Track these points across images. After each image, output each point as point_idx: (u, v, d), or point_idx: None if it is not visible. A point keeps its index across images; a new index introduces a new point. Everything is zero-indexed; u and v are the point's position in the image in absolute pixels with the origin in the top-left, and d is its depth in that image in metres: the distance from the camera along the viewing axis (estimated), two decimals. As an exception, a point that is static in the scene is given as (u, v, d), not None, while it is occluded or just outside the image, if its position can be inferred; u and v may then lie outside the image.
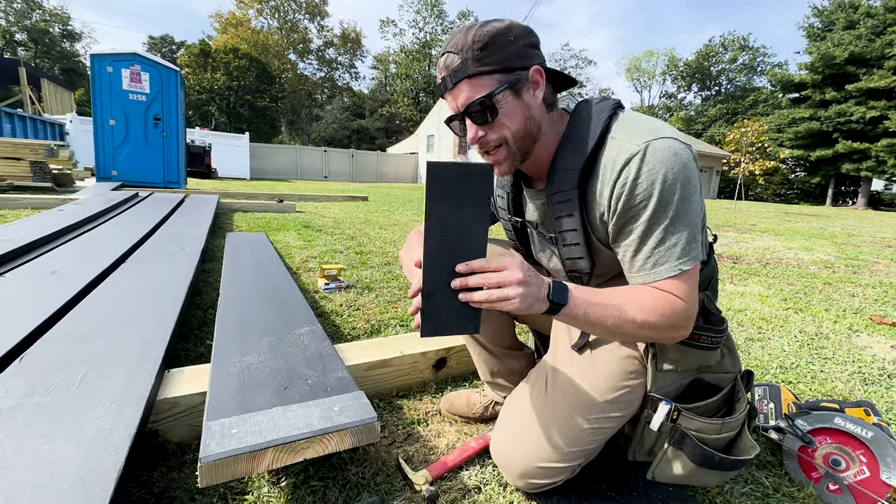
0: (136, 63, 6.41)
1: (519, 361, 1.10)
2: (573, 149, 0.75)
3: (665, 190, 0.67)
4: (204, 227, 2.96)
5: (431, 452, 0.98)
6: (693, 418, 0.78)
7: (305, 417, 0.77)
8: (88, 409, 0.78)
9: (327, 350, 1.10)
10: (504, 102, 0.71)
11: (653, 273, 0.71)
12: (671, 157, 0.67)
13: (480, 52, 0.69)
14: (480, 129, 0.74)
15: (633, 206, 0.70)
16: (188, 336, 1.49)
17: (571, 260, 0.81)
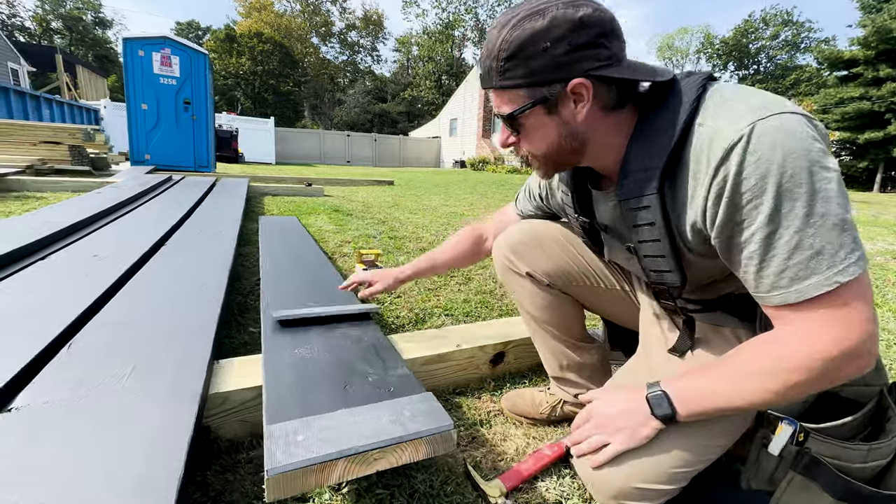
0: (166, 46, 6.44)
1: (591, 355, 1.00)
2: (650, 144, 0.61)
3: (786, 181, 0.50)
4: (237, 210, 2.93)
5: (500, 458, 0.90)
6: (827, 441, 0.65)
7: (375, 423, 0.68)
8: (141, 406, 0.72)
9: (382, 342, 1.02)
10: (532, 119, 0.62)
11: (793, 292, 0.52)
12: (787, 139, 0.50)
13: (504, 64, 0.59)
14: (510, 136, 0.68)
15: (742, 208, 0.53)
16: (230, 323, 1.44)
17: (656, 273, 0.67)
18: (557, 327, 0.96)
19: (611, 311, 0.98)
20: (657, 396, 0.64)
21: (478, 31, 37.76)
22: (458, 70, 36.84)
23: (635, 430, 0.65)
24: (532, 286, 0.94)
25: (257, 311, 1.56)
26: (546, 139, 0.64)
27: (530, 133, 0.65)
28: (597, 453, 0.68)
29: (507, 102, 0.63)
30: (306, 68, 38.01)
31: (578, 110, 0.61)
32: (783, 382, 0.55)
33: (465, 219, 4.10)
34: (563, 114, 0.61)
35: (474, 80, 20.06)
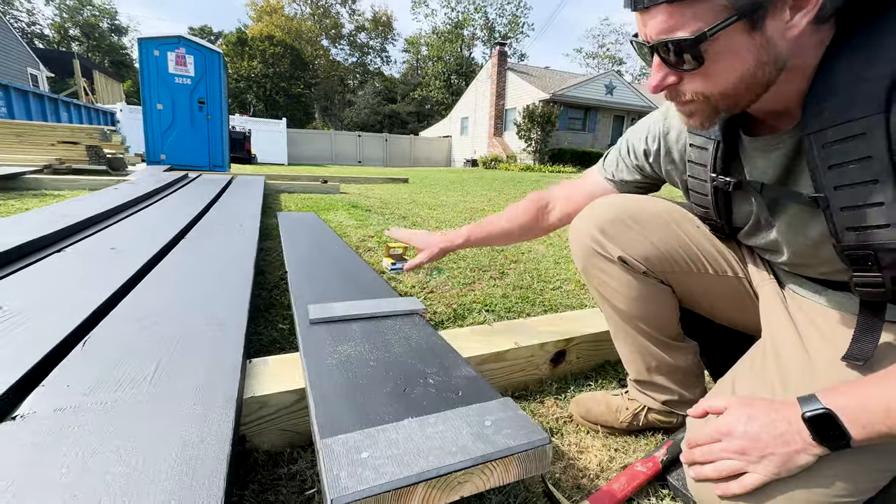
0: (180, 46, 6.41)
1: (685, 356, 0.84)
2: (862, 52, 0.45)
3: None
4: (256, 205, 2.84)
5: (582, 474, 0.76)
6: None
7: (454, 436, 0.55)
8: (168, 413, 0.60)
9: (434, 339, 0.88)
10: (721, 43, 0.45)
11: None
12: None
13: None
14: (672, 74, 0.51)
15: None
16: (257, 319, 1.33)
17: (860, 231, 0.49)
18: (650, 323, 0.81)
19: (718, 303, 0.80)
20: (821, 415, 0.48)
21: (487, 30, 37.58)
22: (467, 69, 36.69)
23: (790, 457, 0.50)
24: (624, 274, 0.78)
25: (284, 307, 1.44)
26: (735, 70, 0.47)
27: (715, 62, 0.47)
28: (728, 481, 0.54)
29: (692, 21, 0.45)
30: (316, 70, 38.23)
31: (795, 23, 0.44)
32: None
33: (485, 213, 3.96)
34: (770, 30, 0.45)
35: (485, 78, 19.88)
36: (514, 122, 16.85)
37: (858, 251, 0.51)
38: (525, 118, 15.85)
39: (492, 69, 19.03)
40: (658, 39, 0.48)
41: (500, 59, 18.78)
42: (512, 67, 19.27)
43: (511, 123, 17.96)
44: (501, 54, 18.89)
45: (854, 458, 0.50)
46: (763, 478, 0.51)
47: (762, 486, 0.52)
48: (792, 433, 0.50)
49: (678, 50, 0.47)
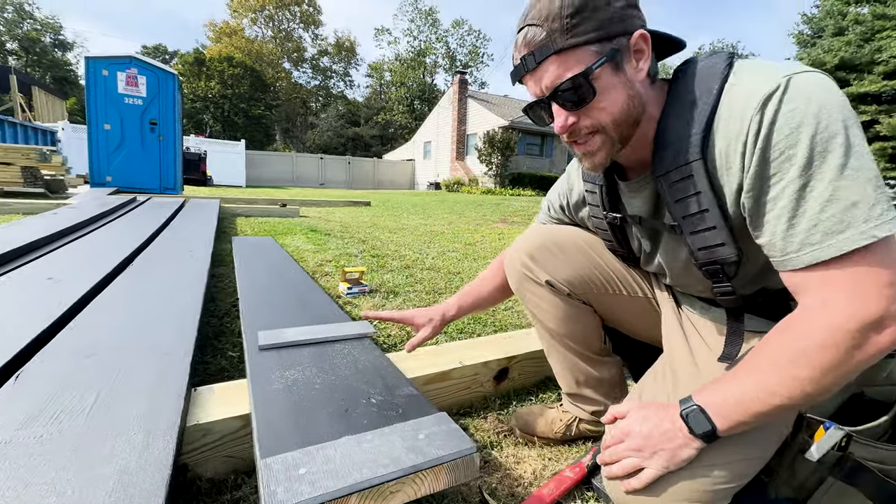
0: (132, 66, 6.24)
1: (609, 369, 0.94)
2: (685, 112, 0.59)
3: (820, 131, 0.48)
4: (210, 230, 2.78)
5: (517, 483, 0.82)
6: (870, 445, 0.61)
7: (388, 449, 0.60)
8: (107, 443, 0.61)
9: (381, 361, 0.93)
10: (602, 79, 0.57)
11: (826, 247, 0.48)
12: (823, 93, 0.50)
13: (571, 20, 0.55)
14: (571, 114, 0.60)
15: (775, 160, 0.51)
16: (205, 348, 1.31)
17: (707, 250, 0.61)
18: (576, 340, 0.90)
19: (632, 321, 0.91)
20: (694, 412, 0.57)
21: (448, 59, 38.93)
22: (430, 95, 37.65)
23: (675, 452, 0.58)
24: (551, 296, 0.87)
25: (235, 335, 1.43)
26: (617, 102, 0.59)
27: (600, 97, 0.58)
28: (631, 477, 0.62)
29: (574, 65, 0.56)
30: (278, 92, 37.91)
31: (640, 67, 0.59)
32: (812, 365, 0.49)
33: (445, 237, 4.06)
34: (628, 71, 0.58)
35: (447, 104, 20.50)
36: (476, 147, 17.38)
37: (710, 266, 0.62)
38: (486, 143, 16.40)
39: (453, 96, 19.67)
40: (554, 86, 0.58)
41: (461, 87, 19.48)
42: (472, 95, 20.01)
43: (472, 148, 18.52)
44: (462, 82, 19.61)
45: (727, 448, 0.59)
46: (656, 472, 0.59)
47: (657, 479, 0.60)
48: (675, 430, 0.58)
49: (573, 87, 0.57)
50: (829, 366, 0.49)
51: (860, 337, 0.48)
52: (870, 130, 18.50)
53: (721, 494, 0.60)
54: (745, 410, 0.54)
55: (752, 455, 0.62)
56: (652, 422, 0.61)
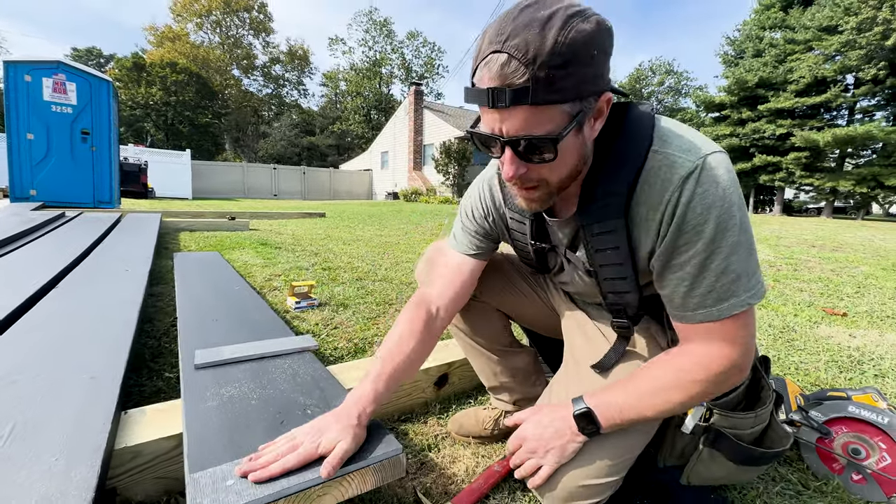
0: (59, 71, 5.81)
1: (522, 359, 1.03)
2: (614, 169, 0.62)
3: (724, 213, 0.57)
4: (148, 246, 2.65)
5: (450, 482, 0.87)
6: (726, 415, 0.73)
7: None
8: (26, 471, 0.60)
9: (320, 373, 0.96)
10: (565, 142, 0.54)
11: (716, 310, 0.60)
12: (725, 177, 0.58)
13: (557, 72, 0.49)
14: (523, 166, 0.58)
15: (686, 233, 0.58)
16: (140, 370, 1.27)
17: (615, 294, 0.71)
18: (486, 337, 1.00)
19: (532, 318, 1.02)
20: (583, 414, 0.67)
21: (404, 70, 39.20)
22: (386, 105, 37.67)
23: (564, 448, 0.67)
24: None
25: (173, 355, 1.39)
26: (569, 163, 0.58)
27: (558, 159, 0.56)
28: (534, 476, 0.70)
29: (546, 122, 0.52)
30: (227, 100, 36.44)
31: (595, 127, 0.58)
32: (686, 394, 0.63)
33: (399, 248, 4.09)
34: (586, 132, 0.57)
35: (403, 115, 20.61)
36: (433, 157, 17.58)
37: (616, 306, 0.73)
38: (442, 153, 16.63)
39: (409, 107, 19.83)
40: (517, 136, 0.54)
41: (417, 98, 19.68)
42: (428, 106, 20.26)
43: (429, 158, 18.70)
44: (418, 93, 19.82)
45: (608, 443, 0.69)
46: (550, 468, 0.68)
47: (554, 474, 0.68)
48: (564, 428, 0.68)
49: (537, 145, 0.54)
50: (697, 395, 0.64)
51: (724, 377, 0.62)
52: (787, 142, 20.59)
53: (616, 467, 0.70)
54: (624, 417, 0.66)
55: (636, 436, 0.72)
56: (543, 424, 0.70)
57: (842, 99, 19.53)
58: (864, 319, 2.19)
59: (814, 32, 19.57)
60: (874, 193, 18.57)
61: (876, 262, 4.26)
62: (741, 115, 22.40)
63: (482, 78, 0.53)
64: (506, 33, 0.50)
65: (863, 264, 4.07)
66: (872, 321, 2.17)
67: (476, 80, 0.54)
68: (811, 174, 19.92)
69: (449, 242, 0.90)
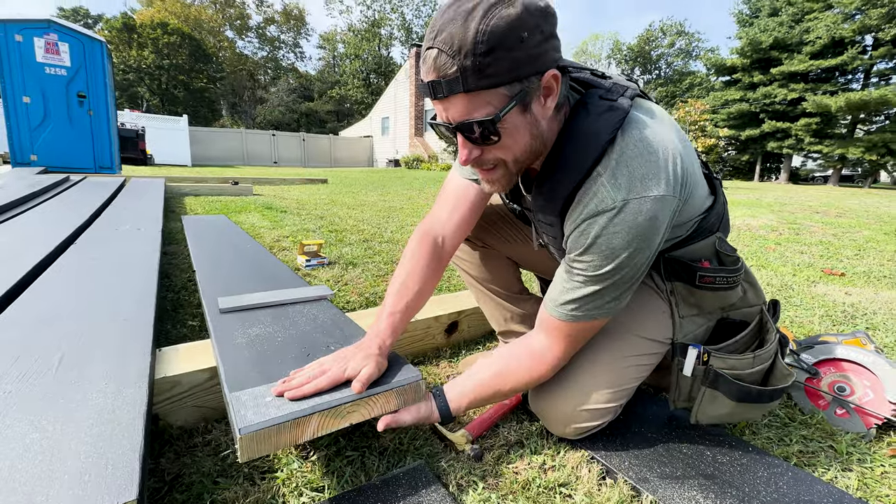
0: (51, 31, 5.64)
1: (532, 305, 1.09)
2: (564, 169, 0.65)
3: (619, 253, 0.64)
4: (157, 208, 2.68)
5: (463, 414, 0.94)
6: (723, 357, 0.77)
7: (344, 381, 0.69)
8: (80, 392, 0.66)
9: (339, 317, 1.01)
10: (508, 122, 0.58)
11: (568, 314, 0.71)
12: (638, 227, 0.62)
13: (483, 59, 0.52)
14: (475, 149, 0.62)
15: (589, 254, 0.66)
16: (163, 319, 1.33)
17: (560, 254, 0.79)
18: (496, 283, 1.06)
19: (537, 262, 1.07)
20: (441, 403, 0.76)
21: (404, 31, 37.70)
22: (386, 69, 36.50)
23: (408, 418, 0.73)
24: (469, 249, 1.04)
25: (193, 306, 1.46)
26: (519, 143, 0.61)
27: (507, 136, 0.59)
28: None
29: (484, 105, 0.56)
30: (221, 63, 35.31)
31: (548, 104, 0.60)
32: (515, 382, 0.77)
33: (404, 212, 4.11)
34: (535, 110, 0.60)
35: (404, 79, 20.01)
36: (434, 123, 17.18)
37: None
38: (444, 119, 16.25)
39: (410, 70, 19.21)
40: (460, 121, 0.58)
41: (418, 61, 19.02)
42: (430, 69, 19.62)
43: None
44: (418, 56, 19.14)
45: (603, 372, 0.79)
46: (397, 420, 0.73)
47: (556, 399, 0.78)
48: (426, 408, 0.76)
49: (479, 128, 0.58)
50: (524, 384, 0.77)
51: (549, 373, 0.77)
52: (798, 108, 20.05)
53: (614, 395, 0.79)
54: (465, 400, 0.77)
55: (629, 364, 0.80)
56: None
57: (858, 61, 18.84)
58: (861, 279, 2.24)
59: (835, -12, 18.62)
60: (883, 161, 18.28)
61: (878, 227, 4.28)
62: (752, 79, 21.71)
63: (424, 73, 0.58)
64: (436, 29, 0.54)
65: (865, 229, 4.09)
66: (869, 280, 2.21)
67: (422, 76, 0.59)
68: (820, 141, 19.52)
69: (454, 166, 0.93)
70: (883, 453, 0.86)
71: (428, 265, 0.85)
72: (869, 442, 0.90)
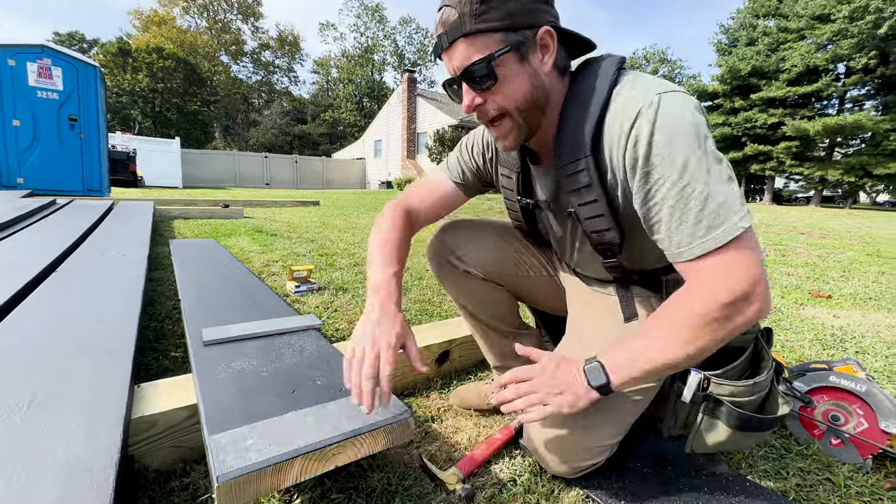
0: (45, 56, 5.67)
1: (528, 340, 1.06)
2: (580, 111, 0.67)
3: (689, 140, 0.58)
4: (144, 232, 2.64)
5: (454, 449, 0.91)
6: (724, 384, 0.77)
7: (330, 419, 0.67)
8: (49, 436, 0.62)
9: (326, 349, 0.99)
10: (505, 67, 0.64)
11: (710, 240, 0.58)
12: (685, 110, 0.59)
13: (480, 6, 0.61)
14: (479, 95, 0.67)
15: (656, 166, 0.59)
16: (145, 350, 1.29)
17: (598, 233, 0.73)
18: (494, 317, 1.01)
19: (541, 297, 1.04)
20: (594, 368, 0.66)
21: (397, 57, 38.65)
22: (379, 93, 37.19)
23: (575, 399, 0.66)
24: (469, 281, 0.97)
25: (177, 336, 1.42)
26: (520, 89, 0.66)
27: (503, 83, 0.65)
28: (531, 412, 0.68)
29: (481, 49, 0.63)
30: (216, 87, 35.70)
31: (545, 60, 0.66)
32: (692, 330, 0.60)
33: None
34: (533, 62, 0.65)
35: (396, 103, 20.40)
36: (426, 146, 17.45)
37: (601, 246, 0.75)
38: (436, 142, 16.52)
39: (402, 94, 19.61)
40: (462, 67, 0.64)
41: (410, 85, 19.46)
42: (422, 93, 20.04)
43: (423, 146, 18.56)
44: (411, 80, 19.59)
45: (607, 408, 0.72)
46: (555, 409, 0.66)
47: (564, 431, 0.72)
48: (575, 380, 0.68)
49: (478, 69, 0.63)
50: (707, 330, 0.59)
51: (732, 308, 0.58)
52: (778, 131, 20.74)
53: (615, 431, 0.76)
54: (636, 367, 0.64)
55: (632, 399, 0.76)
56: (561, 369, 0.69)
57: (833, 88, 19.67)
58: (847, 301, 2.27)
59: (807, 21, 19.58)
60: (861, 182, 18.86)
61: (861, 248, 4.37)
62: (734, 104, 22.48)
63: (435, 30, 0.67)
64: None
65: (849, 250, 4.17)
66: (856, 302, 2.24)
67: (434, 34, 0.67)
68: (801, 163, 20.13)
69: (440, 167, 0.97)
70: (881, 486, 0.85)
71: (404, 234, 0.87)
72: (866, 473, 0.89)
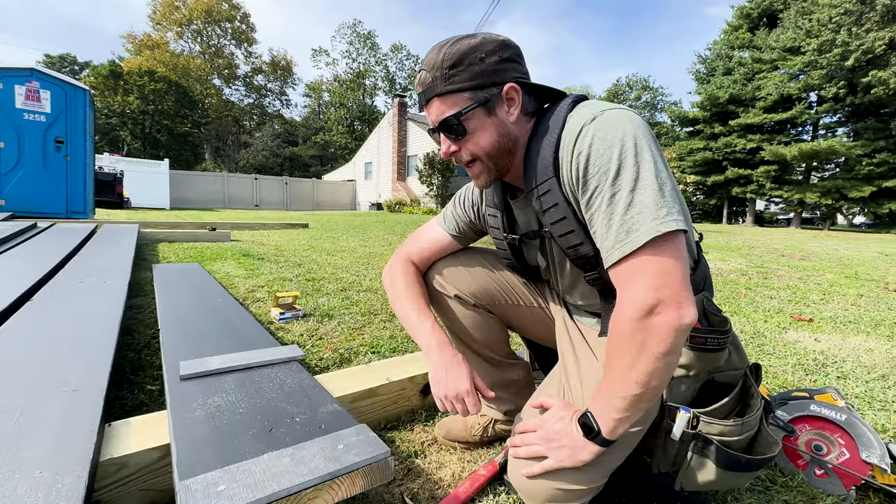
0: (33, 79, 5.68)
1: (517, 371, 1.06)
2: (541, 140, 0.73)
3: (624, 151, 0.61)
4: (126, 258, 2.60)
5: (437, 486, 0.89)
6: (713, 422, 0.76)
7: (307, 461, 0.65)
8: (9, 484, 0.59)
9: (308, 382, 0.97)
10: (474, 120, 0.73)
11: (628, 243, 0.60)
12: (626, 121, 0.64)
13: (449, 71, 0.70)
14: (453, 143, 0.76)
15: (592, 176, 0.64)
16: (121, 384, 1.25)
17: (573, 249, 0.75)
18: (484, 346, 1.01)
19: (530, 327, 1.04)
20: (586, 420, 0.69)
21: (388, 82, 39.52)
22: (370, 116, 37.81)
23: (575, 453, 0.69)
24: (460, 308, 0.98)
25: (155, 368, 1.38)
26: (488, 138, 0.74)
27: (473, 134, 0.74)
28: (532, 465, 0.72)
29: (452, 106, 0.72)
30: (207, 109, 35.92)
31: (511, 111, 0.74)
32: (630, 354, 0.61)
33: (384, 258, 4.09)
34: (500, 114, 0.73)
35: (387, 126, 20.73)
36: (416, 168, 17.67)
37: (579, 261, 0.77)
38: (426, 165, 16.75)
39: (393, 118, 19.95)
40: (438, 121, 0.74)
41: (401, 110, 19.84)
42: (412, 118, 20.42)
43: (413, 169, 18.79)
44: (402, 105, 19.98)
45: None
46: (554, 463, 0.70)
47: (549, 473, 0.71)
48: (575, 434, 0.70)
49: (450, 123, 0.73)
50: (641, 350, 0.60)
51: (642, 322, 0.59)
52: (756, 156, 21.48)
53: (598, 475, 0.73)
54: (614, 406, 0.64)
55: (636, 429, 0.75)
56: (564, 422, 0.72)
57: (806, 115, 20.55)
58: (828, 324, 2.31)
59: (779, 53, 20.61)
60: (838, 205, 19.49)
61: (840, 270, 4.49)
62: (714, 130, 23.31)
63: (416, 89, 0.78)
64: (424, 60, 0.75)
65: (828, 272, 4.27)
66: (836, 326, 2.28)
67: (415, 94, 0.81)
68: (780, 186, 20.79)
69: (437, 220, 1.04)
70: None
71: (418, 281, 0.98)
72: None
